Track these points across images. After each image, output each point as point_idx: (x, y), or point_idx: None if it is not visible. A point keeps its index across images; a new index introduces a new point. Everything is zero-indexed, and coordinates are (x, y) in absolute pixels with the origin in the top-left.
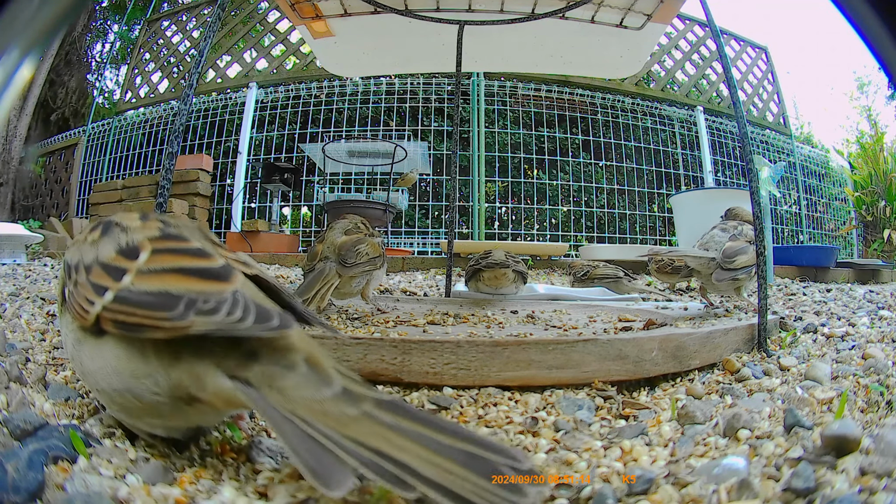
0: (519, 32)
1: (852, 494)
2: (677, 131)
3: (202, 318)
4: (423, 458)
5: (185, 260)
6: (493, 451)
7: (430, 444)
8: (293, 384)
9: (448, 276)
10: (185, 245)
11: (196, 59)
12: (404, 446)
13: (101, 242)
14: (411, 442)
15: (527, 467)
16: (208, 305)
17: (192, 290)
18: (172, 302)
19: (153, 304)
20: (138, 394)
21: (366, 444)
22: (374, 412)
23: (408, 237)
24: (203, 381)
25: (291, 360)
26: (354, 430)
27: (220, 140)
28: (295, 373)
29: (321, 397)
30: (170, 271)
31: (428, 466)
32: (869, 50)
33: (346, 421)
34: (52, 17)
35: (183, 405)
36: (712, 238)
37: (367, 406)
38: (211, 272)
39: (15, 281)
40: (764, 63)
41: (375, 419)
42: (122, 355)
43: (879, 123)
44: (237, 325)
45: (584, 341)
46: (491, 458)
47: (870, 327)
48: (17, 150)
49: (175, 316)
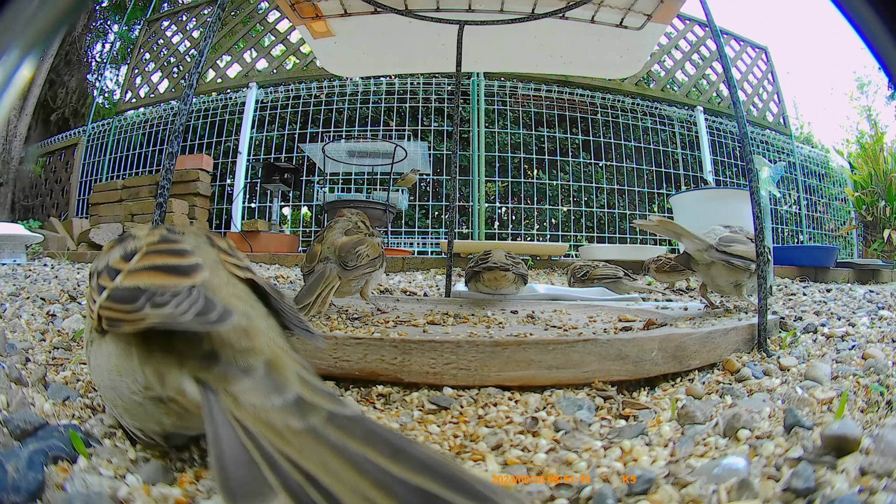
0: (519, 32)
1: (852, 494)
2: (677, 131)
3: (155, 310)
4: (358, 493)
5: (161, 258)
6: (454, 490)
7: (374, 474)
8: (246, 389)
9: (448, 276)
10: (171, 246)
11: (196, 59)
12: (340, 473)
13: (113, 250)
14: (351, 469)
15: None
16: (163, 299)
17: (154, 284)
18: (137, 295)
19: (125, 299)
20: (120, 391)
21: (299, 464)
22: (322, 428)
23: (408, 237)
24: (166, 380)
25: (250, 364)
26: (291, 447)
27: (220, 140)
28: (250, 377)
29: (269, 406)
30: (146, 269)
31: (359, 502)
32: (869, 50)
33: (287, 435)
34: (52, 17)
35: (158, 405)
36: (713, 231)
37: (316, 420)
38: (177, 268)
39: (15, 281)
40: (764, 63)
41: (320, 437)
42: (112, 352)
43: (879, 123)
44: (180, 317)
45: (584, 341)
46: (448, 497)
47: (870, 327)
48: (17, 150)
49: (136, 308)
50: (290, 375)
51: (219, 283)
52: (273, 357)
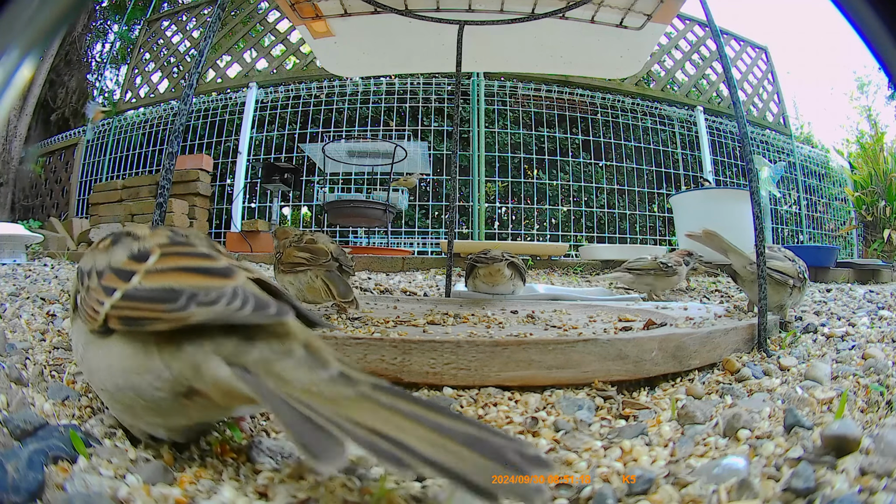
0: (519, 32)
1: (852, 494)
2: (677, 131)
3: (203, 308)
4: (422, 438)
5: (190, 260)
6: (497, 435)
7: (429, 424)
8: (290, 367)
9: (448, 276)
10: (191, 249)
11: (196, 59)
12: (402, 426)
13: (113, 250)
14: (409, 422)
15: (532, 453)
16: (209, 297)
17: (193, 285)
18: (175, 296)
19: (157, 299)
20: (141, 390)
21: (362, 423)
22: (372, 393)
23: (408, 237)
24: (202, 371)
25: (289, 347)
26: (350, 410)
27: (220, 140)
28: (292, 358)
29: (318, 379)
30: (175, 270)
31: (427, 446)
32: (869, 50)
33: (342, 401)
34: (52, 17)
35: (183, 400)
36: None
37: (364, 388)
38: (214, 270)
39: (15, 281)
40: (764, 63)
41: (372, 399)
42: (126, 353)
43: (879, 123)
44: (237, 312)
45: (584, 341)
46: (494, 440)
47: (870, 327)
48: (17, 150)
49: (177, 307)
50: (328, 355)
51: (252, 285)
52: (308, 340)
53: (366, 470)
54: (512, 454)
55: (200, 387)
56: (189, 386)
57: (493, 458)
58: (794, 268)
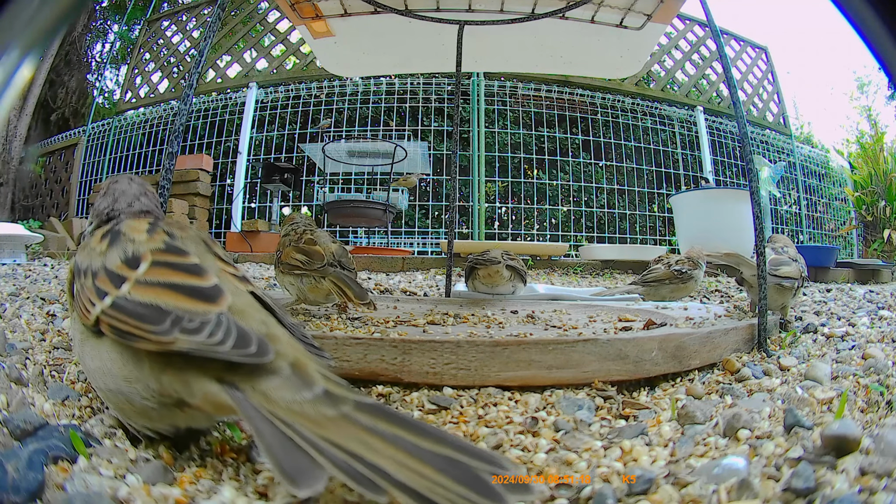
0: (519, 32)
1: (852, 494)
2: (677, 131)
3: (185, 336)
4: (398, 462)
5: (178, 276)
6: (475, 457)
7: (407, 447)
8: (275, 387)
9: (448, 276)
10: (182, 260)
11: (196, 59)
12: (379, 449)
13: (109, 250)
14: (387, 445)
15: (510, 474)
16: (192, 325)
17: (179, 307)
18: (161, 317)
19: (143, 317)
20: (130, 397)
21: (341, 445)
22: (353, 414)
23: (408, 237)
24: (192, 387)
25: (276, 365)
26: (330, 432)
27: (220, 140)
28: (278, 376)
29: (301, 399)
30: (163, 286)
31: (402, 470)
32: (869, 50)
33: (323, 422)
34: (52, 17)
35: (173, 409)
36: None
37: (347, 408)
38: (201, 292)
39: (15, 281)
40: (764, 63)
41: (353, 421)
42: (117, 359)
43: (879, 123)
44: (216, 347)
45: (584, 341)
46: (471, 463)
47: (870, 327)
48: (17, 150)
49: (161, 331)
50: (314, 373)
51: (241, 305)
52: (295, 359)
53: None
54: (489, 478)
55: (189, 400)
56: (178, 399)
57: (469, 484)
58: (798, 270)
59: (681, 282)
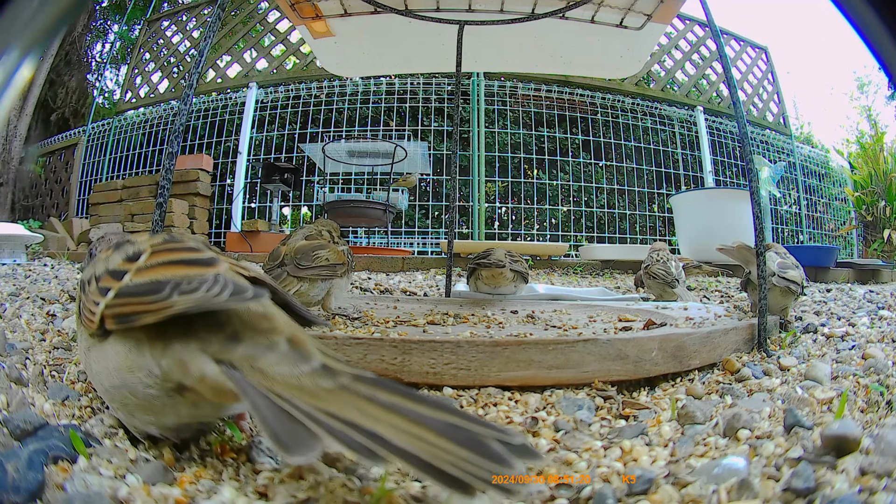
0: (519, 32)
1: (852, 494)
2: (677, 131)
3: (184, 297)
4: (397, 428)
5: (176, 254)
6: (478, 425)
7: (407, 413)
8: (272, 362)
9: (448, 276)
10: (180, 245)
11: (196, 59)
12: (378, 416)
13: (112, 255)
14: (386, 412)
15: (518, 442)
16: (191, 286)
17: (177, 275)
18: (159, 287)
19: (144, 292)
20: (133, 388)
21: (337, 415)
22: (352, 385)
23: (408, 237)
24: (189, 367)
25: (273, 341)
26: (327, 402)
27: (220, 140)
28: (275, 352)
29: (298, 373)
30: (162, 264)
31: (401, 436)
32: (869, 50)
33: (321, 393)
34: (52, 17)
35: (175, 396)
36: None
37: (345, 380)
38: (198, 260)
39: (15, 281)
40: (764, 63)
41: (351, 391)
42: (120, 352)
43: (879, 123)
44: (214, 299)
45: (584, 341)
46: (475, 429)
47: (870, 327)
48: (17, 150)
49: (161, 297)
50: (312, 349)
51: (236, 272)
52: (293, 335)
53: (366, 470)
54: (494, 444)
55: (189, 383)
56: (178, 382)
57: (472, 448)
58: (800, 275)
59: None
